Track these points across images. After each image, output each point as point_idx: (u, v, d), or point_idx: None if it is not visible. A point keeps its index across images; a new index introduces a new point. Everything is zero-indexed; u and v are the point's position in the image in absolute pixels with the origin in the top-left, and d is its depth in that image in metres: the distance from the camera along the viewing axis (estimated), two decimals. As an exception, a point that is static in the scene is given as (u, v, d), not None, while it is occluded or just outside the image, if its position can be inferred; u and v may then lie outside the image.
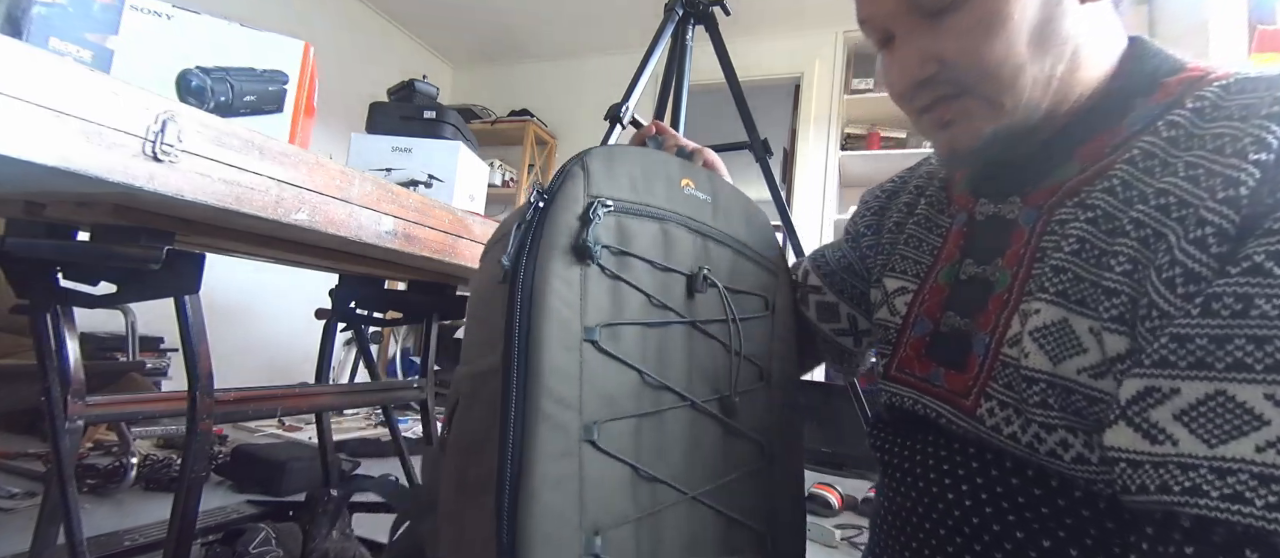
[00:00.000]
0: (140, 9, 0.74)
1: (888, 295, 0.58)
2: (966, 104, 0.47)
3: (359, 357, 2.28)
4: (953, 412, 0.48)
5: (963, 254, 0.53)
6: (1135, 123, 0.44)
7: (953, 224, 0.55)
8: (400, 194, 0.83)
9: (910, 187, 0.64)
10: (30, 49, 0.46)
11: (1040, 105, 0.46)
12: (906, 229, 0.60)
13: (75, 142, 0.48)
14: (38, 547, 0.87)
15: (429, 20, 4.04)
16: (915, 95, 0.48)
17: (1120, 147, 0.44)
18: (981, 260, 0.51)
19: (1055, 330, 0.41)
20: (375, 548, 1.35)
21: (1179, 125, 0.41)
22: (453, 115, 1.32)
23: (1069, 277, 0.42)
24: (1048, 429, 0.42)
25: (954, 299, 0.52)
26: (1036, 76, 0.44)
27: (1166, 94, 0.44)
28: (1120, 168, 0.42)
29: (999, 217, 0.51)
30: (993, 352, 0.46)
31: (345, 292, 1.38)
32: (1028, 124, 0.46)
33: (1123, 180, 0.42)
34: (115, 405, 0.86)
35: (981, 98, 0.46)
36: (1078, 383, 0.40)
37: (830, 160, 3.45)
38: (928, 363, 0.52)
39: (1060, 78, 0.45)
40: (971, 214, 0.54)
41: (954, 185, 0.58)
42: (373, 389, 1.37)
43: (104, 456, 2.00)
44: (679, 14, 1.46)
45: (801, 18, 3.54)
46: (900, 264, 0.58)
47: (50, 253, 0.81)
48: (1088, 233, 0.42)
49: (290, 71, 0.83)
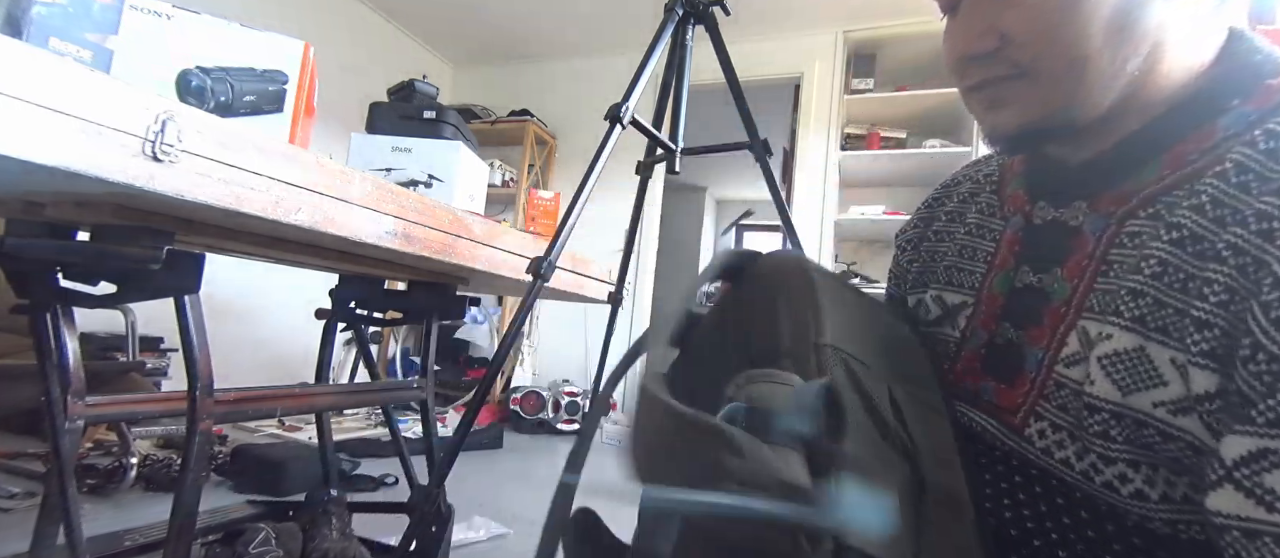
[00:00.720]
0: (140, 9, 0.74)
1: (948, 310, 0.54)
2: (1020, 88, 0.43)
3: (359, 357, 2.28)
4: (999, 428, 0.46)
5: (1018, 261, 0.49)
6: (1230, 127, 0.39)
7: (1006, 228, 0.52)
8: (400, 194, 0.83)
9: (956, 195, 0.60)
10: (30, 49, 0.46)
11: (1102, 102, 0.42)
12: (957, 238, 0.56)
13: (75, 141, 0.48)
14: (38, 547, 0.87)
15: (429, 20, 4.03)
16: (967, 70, 0.45)
17: (1210, 153, 0.39)
18: (1039, 268, 0.47)
19: (1129, 359, 0.38)
20: (375, 548, 1.35)
21: (1278, 137, 0.37)
22: (453, 115, 1.32)
23: (1149, 301, 0.38)
24: (1107, 461, 0.39)
25: (1010, 309, 0.48)
26: (1104, 70, 0.40)
27: (1268, 98, 0.39)
28: (1210, 182, 0.38)
29: (1060, 222, 0.47)
30: (1046, 369, 0.43)
31: (345, 292, 1.38)
32: (1087, 118, 0.42)
33: (1213, 197, 0.37)
34: (115, 405, 0.86)
35: (1039, 84, 0.42)
36: (1153, 417, 0.37)
37: (830, 160, 3.45)
38: (980, 375, 0.48)
39: (1134, 75, 0.41)
40: (1028, 217, 0.50)
41: (1006, 184, 0.54)
42: (373, 389, 1.37)
43: (104, 456, 2.00)
44: (679, 14, 1.46)
45: (801, 18, 3.54)
46: (956, 277, 0.54)
47: (50, 253, 0.81)
48: (1171, 255, 0.38)
49: (290, 71, 0.83)
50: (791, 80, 3.69)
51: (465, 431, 0.91)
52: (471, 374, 3.84)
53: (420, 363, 1.38)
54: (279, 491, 1.83)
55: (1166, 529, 0.38)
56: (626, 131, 1.25)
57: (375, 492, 2.05)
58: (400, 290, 1.47)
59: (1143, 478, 0.38)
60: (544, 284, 1.00)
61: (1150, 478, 0.38)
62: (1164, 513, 0.38)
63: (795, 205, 3.44)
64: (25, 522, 1.43)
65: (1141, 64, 0.41)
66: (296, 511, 1.35)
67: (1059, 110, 0.42)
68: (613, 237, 3.88)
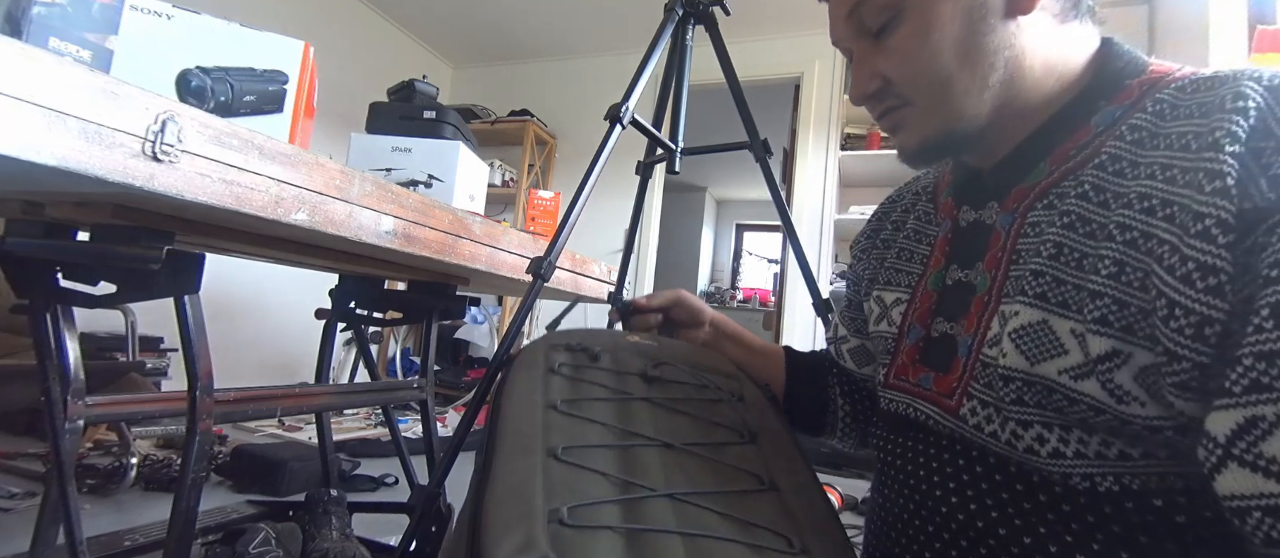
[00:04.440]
0: (140, 9, 0.74)
1: (886, 307, 0.60)
2: (907, 114, 0.52)
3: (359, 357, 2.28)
4: (938, 413, 0.50)
5: (948, 260, 0.55)
6: (1100, 123, 0.46)
7: (939, 232, 0.58)
8: (400, 194, 0.83)
9: (899, 206, 0.67)
10: (30, 49, 0.46)
11: (979, 113, 0.49)
12: (897, 243, 0.63)
13: (75, 142, 0.48)
14: (38, 547, 0.86)
15: (429, 20, 4.03)
16: (869, 106, 0.55)
17: (1086, 148, 0.46)
18: (964, 265, 0.53)
19: (1034, 332, 0.43)
20: (375, 548, 1.35)
21: (1141, 128, 0.43)
22: (453, 115, 1.32)
23: (1048, 279, 0.43)
24: (1024, 425, 0.44)
25: (942, 304, 0.54)
26: (967, 87, 0.48)
27: (1128, 96, 0.46)
28: (1089, 172, 0.44)
29: (980, 222, 0.53)
30: (974, 353, 0.48)
31: (345, 292, 1.38)
32: (971, 130, 0.50)
33: (1094, 184, 0.43)
34: (115, 406, 0.86)
35: (919, 107, 0.51)
36: (1058, 384, 0.41)
37: (830, 160, 3.45)
38: (919, 368, 0.53)
39: (1001, 84, 0.48)
40: (955, 221, 0.56)
41: (939, 194, 0.61)
42: (373, 389, 1.37)
43: (104, 456, 2.00)
44: (679, 14, 1.46)
45: (801, 18, 3.53)
46: (894, 277, 0.61)
47: (50, 253, 0.81)
48: (1064, 237, 0.44)
49: (290, 71, 0.83)
50: (791, 80, 3.69)
51: (465, 431, 0.91)
52: (471, 374, 3.83)
53: (420, 363, 1.38)
54: (279, 491, 1.83)
55: (1084, 484, 0.42)
56: (626, 131, 1.25)
57: (375, 492, 2.05)
58: (400, 290, 1.47)
59: (1057, 438, 0.42)
60: (544, 284, 1.00)
61: (1063, 438, 0.42)
62: (1079, 467, 0.42)
63: (795, 205, 3.44)
64: (25, 522, 1.43)
65: (1003, 76, 0.48)
66: (296, 511, 1.35)
67: (944, 125, 0.50)
68: (613, 237, 3.89)
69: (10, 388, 1.45)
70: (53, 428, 0.77)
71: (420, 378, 1.33)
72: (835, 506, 0.55)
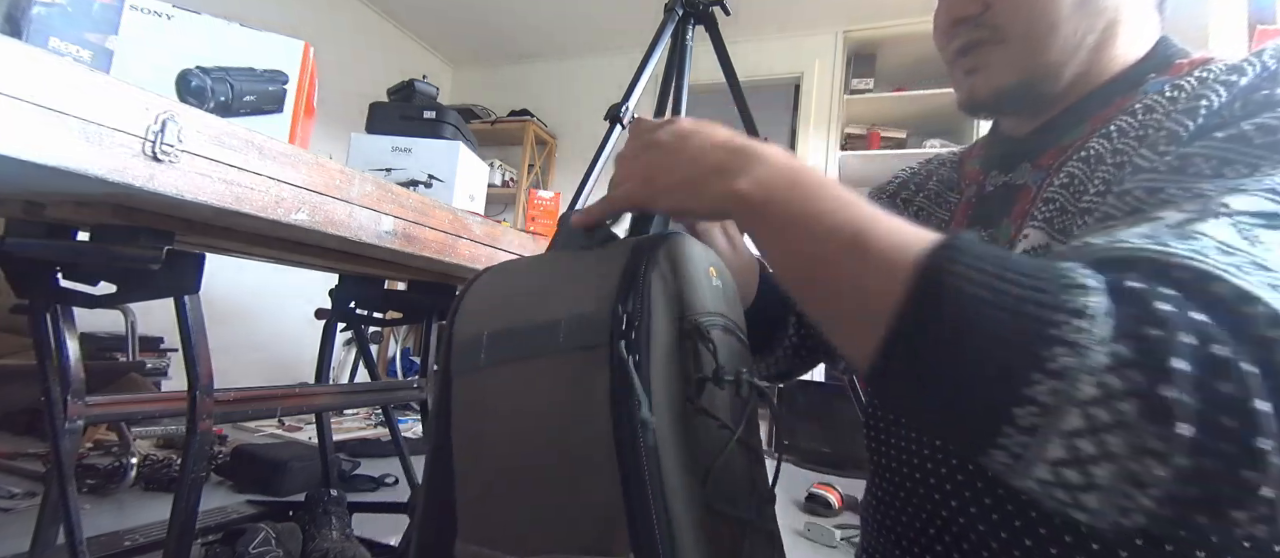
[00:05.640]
0: (140, 9, 0.74)
1: None
2: (995, 53, 0.48)
3: (359, 357, 2.28)
4: None
5: (970, 224, 0.53)
6: (1151, 88, 0.46)
7: (961, 199, 0.57)
8: (400, 194, 0.83)
9: (923, 172, 0.65)
10: (30, 49, 0.46)
11: (1064, 69, 0.47)
12: (915, 203, 0.61)
13: (75, 142, 0.48)
14: (38, 547, 0.86)
15: (429, 20, 4.03)
16: (954, 33, 0.50)
17: (1128, 112, 0.45)
18: (988, 225, 0.51)
19: (1037, 254, 0.43)
20: (375, 548, 1.35)
21: (1182, 88, 0.43)
22: (453, 115, 1.32)
23: (1056, 207, 0.44)
24: None
25: None
26: (1068, 38, 0.46)
27: (1177, 70, 0.46)
28: (1120, 118, 0.45)
29: (1009, 183, 0.52)
30: None
31: (345, 292, 1.38)
32: (1050, 88, 0.48)
33: (1119, 127, 0.44)
34: (115, 406, 0.86)
35: (1011, 47, 0.48)
36: None
37: (830, 160, 3.45)
38: None
39: (1091, 48, 0.47)
40: (981, 186, 0.55)
41: (967, 162, 0.59)
42: (373, 389, 1.37)
43: (104, 456, 2.00)
44: (679, 14, 1.46)
45: (801, 18, 3.53)
46: None
47: (50, 253, 0.81)
48: (1079, 170, 0.44)
49: (290, 71, 0.83)
50: (791, 80, 3.69)
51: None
52: (471, 374, 3.83)
53: (420, 363, 1.38)
54: (279, 491, 1.83)
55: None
56: (626, 131, 1.25)
57: (375, 492, 2.05)
58: (400, 290, 1.47)
59: None
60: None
61: None
62: None
63: (795, 205, 3.43)
64: (25, 522, 1.43)
65: (1097, 40, 0.47)
66: (296, 511, 1.35)
67: (1028, 74, 0.48)
68: (613, 237, 3.89)
69: (10, 388, 1.45)
70: (53, 428, 0.77)
71: (420, 378, 1.33)
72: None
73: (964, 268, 0.27)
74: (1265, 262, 0.27)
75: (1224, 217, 0.30)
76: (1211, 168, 0.34)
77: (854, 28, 3.51)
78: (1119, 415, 0.23)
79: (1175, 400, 0.23)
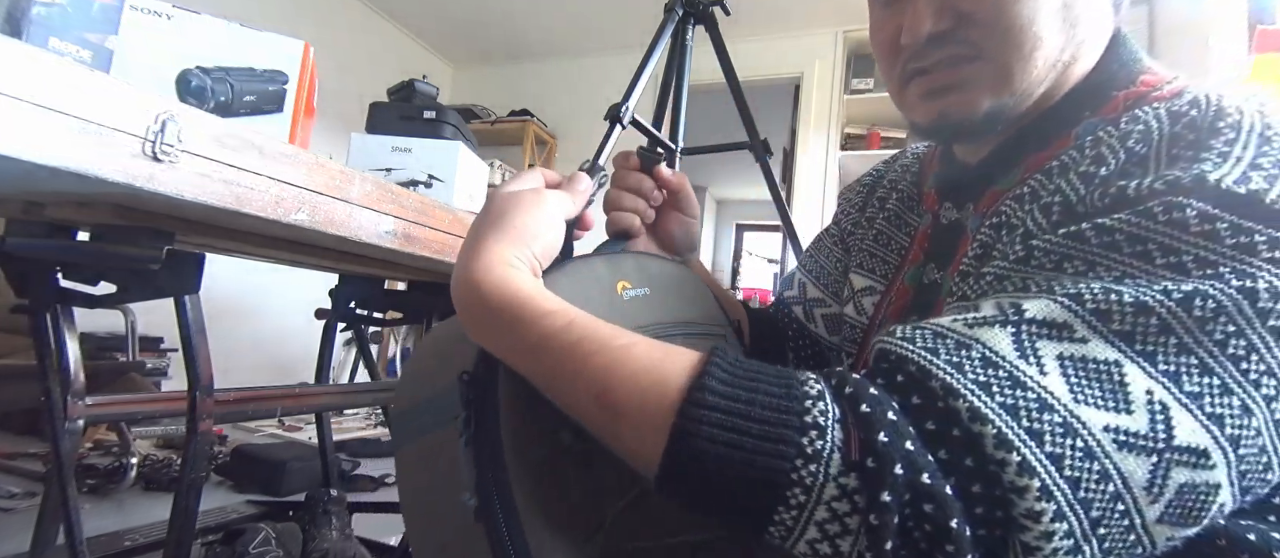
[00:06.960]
0: (140, 9, 0.74)
1: (854, 293, 0.58)
2: (973, 70, 0.44)
3: (359, 357, 2.28)
4: None
5: (926, 258, 0.53)
6: (1082, 134, 0.42)
7: (920, 225, 0.56)
8: (400, 194, 0.83)
9: (885, 180, 0.63)
10: (30, 49, 0.46)
11: (1036, 91, 0.44)
12: (876, 225, 0.60)
13: (75, 142, 0.48)
14: (38, 547, 0.87)
15: (429, 20, 4.03)
16: (926, 50, 0.45)
17: (1059, 158, 0.43)
18: (940, 265, 0.52)
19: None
20: (375, 548, 1.35)
21: (1102, 143, 0.40)
22: (453, 115, 1.32)
23: (971, 263, 0.44)
24: None
25: (916, 303, 0.52)
26: (1047, 56, 0.42)
27: (1112, 108, 0.42)
28: (1034, 177, 0.43)
29: (957, 222, 0.51)
30: None
31: (345, 292, 1.38)
32: (1014, 114, 0.45)
33: (1032, 189, 0.42)
34: (115, 405, 0.86)
35: (989, 64, 0.43)
36: None
37: (830, 160, 3.45)
38: None
39: (1062, 65, 0.44)
40: (937, 216, 0.54)
41: (925, 179, 0.58)
42: (373, 389, 1.37)
43: (104, 456, 2.00)
44: (679, 14, 1.46)
45: (801, 18, 3.53)
46: (868, 262, 0.58)
47: (50, 253, 0.81)
48: (988, 237, 0.43)
49: (290, 71, 0.83)
50: (791, 80, 3.69)
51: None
52: (471, 374, 3.83)
53: (420, 363, 1.37)
54: (279, 491, 1.83)
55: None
56: (626, 131, 1.25)
57: (375, 492, 2.05)
58: (400, 290, 1.47)
59: None
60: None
61: None
62: None
63: (795, 205, 3.43)
64: (25, 522, 1.43)
65: (1069, 55, 0.43)
66: (296, 511, 1.35)
67: (1004, 95, 0.44)
68: (613, 237, 3.89)
69: (10, 388, 1.45)
70: (53, 428, 0.77)
71: (420, 378, 1.32)
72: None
73: (709, 429, 0.30)
74: (1023, 377, 0.30)
75: (1009, 326, 0.31)
76: (1052, 262, 0.35)
77: (854, 28, 3.51)
78: (845, 526, 0.29)
79: (887, 524, 0.28)
